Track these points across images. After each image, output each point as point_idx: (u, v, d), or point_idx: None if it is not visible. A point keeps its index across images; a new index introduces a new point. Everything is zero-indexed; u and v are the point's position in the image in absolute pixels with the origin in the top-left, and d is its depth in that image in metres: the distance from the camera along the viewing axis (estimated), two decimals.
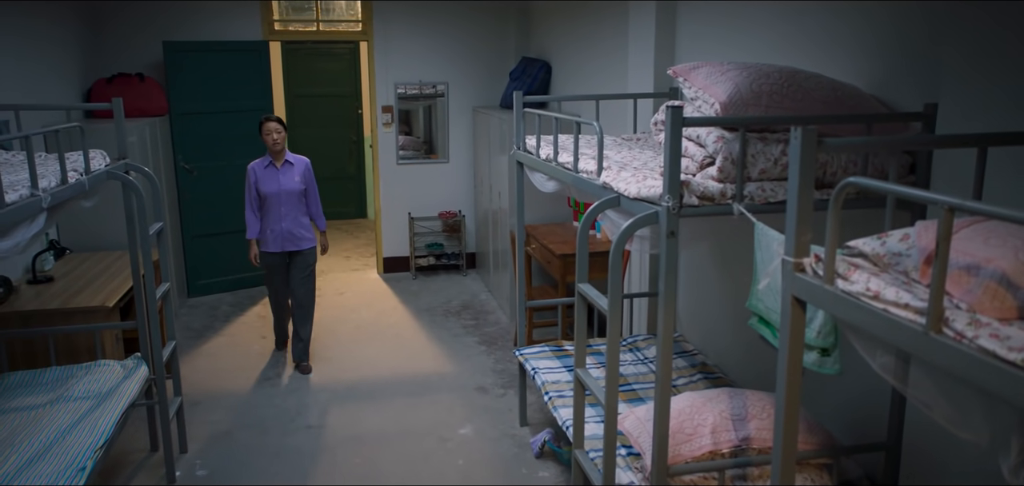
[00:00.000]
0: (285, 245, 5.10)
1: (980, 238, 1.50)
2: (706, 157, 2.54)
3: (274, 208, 5.04)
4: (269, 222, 5.08)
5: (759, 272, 2.33)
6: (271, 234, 5.09)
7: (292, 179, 5.07)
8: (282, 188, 5.03)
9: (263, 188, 5.03)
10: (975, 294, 1.37)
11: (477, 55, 7.39)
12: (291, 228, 5.09)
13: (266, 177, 5.05)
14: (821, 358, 2.07)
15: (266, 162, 5.08)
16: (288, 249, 5.12)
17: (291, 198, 5.06)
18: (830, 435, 2.81)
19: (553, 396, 3.74)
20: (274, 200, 5.03)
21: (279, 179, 5.04)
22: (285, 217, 5.06)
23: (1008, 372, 1.17)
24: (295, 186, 5.07)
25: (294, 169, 5.11)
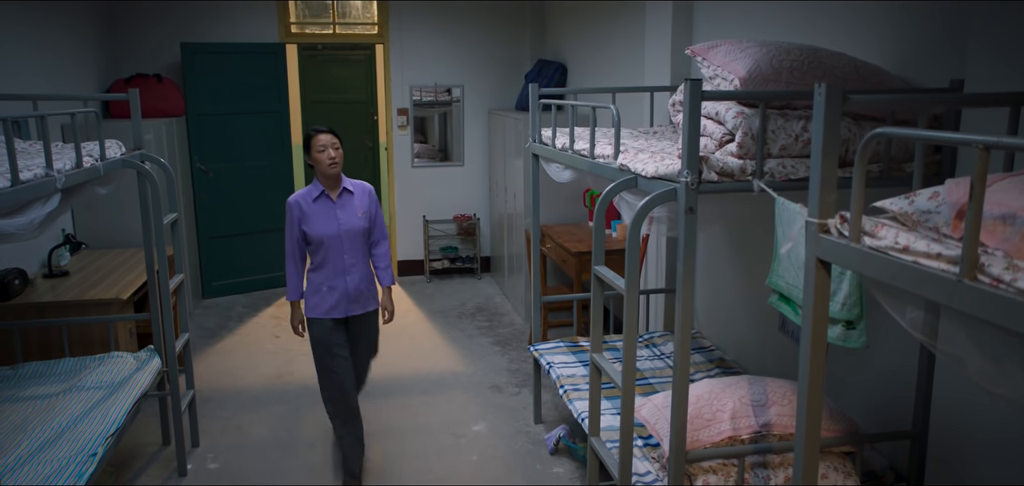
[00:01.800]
0: (351, 308, 3.65)
1: (1016, 190, 1.44)
2: (725, 134, 2.49)
3: (333, 257, 3.56)
4: (325, 277, 3.58)
5: (779, 248, 2.27)
6: (329, 294, 3.59)
7: (354, 215, 3.60)
8: (343, 228, 3.56)
9: (315, 230, 3.53)
10: (1012, 241, 1.31)
11: (492, 57, 7.38)
12: (359, 284, 3.63)
13: (318, 214, 3.55)
14: (846, 331, 2.01)
15: (315, 192, 3.57)
16: (354, 313, 3.68)
17: (356, 242, 3.61)
18: (854, 423, 2.73)
19: (568, 389, 3.68)
20: (333, 246, 3.55)
21: (337, 216, 3.56)
22: (351, 270, 3.60)
23: None
24: (359, 224, 3.60)
25: (355, 200, 3.63)
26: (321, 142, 3.51)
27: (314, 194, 3.58)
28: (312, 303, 3.62)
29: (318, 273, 3.61)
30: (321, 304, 3.61)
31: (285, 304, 6.68)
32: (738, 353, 4.04)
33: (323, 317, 3.61)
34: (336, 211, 3.57)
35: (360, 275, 3.63)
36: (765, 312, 3.71)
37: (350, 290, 3.61)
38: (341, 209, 3.58)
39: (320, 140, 3.52)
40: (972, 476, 2.55)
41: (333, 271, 3.58)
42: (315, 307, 3.62)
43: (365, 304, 3.70)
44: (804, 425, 1.82)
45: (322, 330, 3.62)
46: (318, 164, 3.52)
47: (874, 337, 2.94)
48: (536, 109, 4.00)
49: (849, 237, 1.58)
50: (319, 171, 3.54)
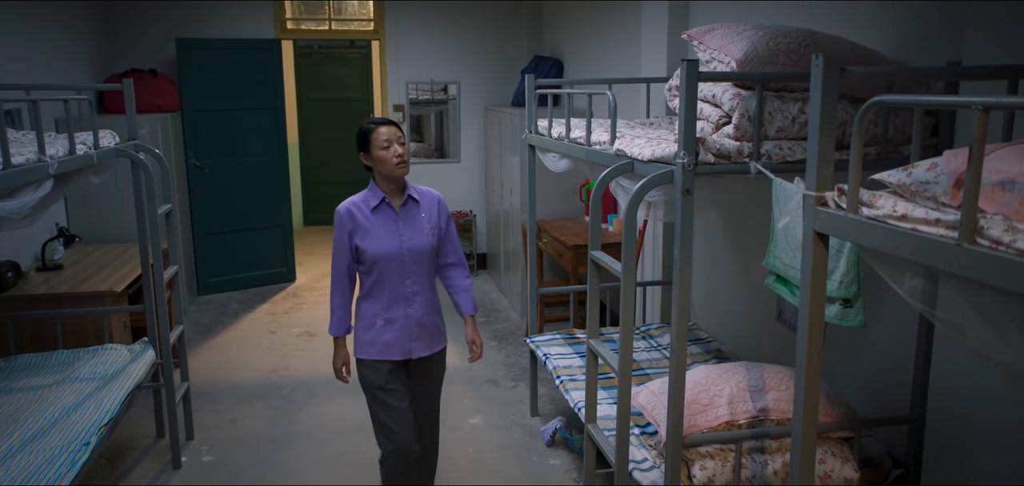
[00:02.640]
0: (415, 348, 2.94)
1: (1014, 157, 1.43)
2: (722, 117, 2.48)
3: (391, 282, 2.87)
4: (381, 307, 2.89)
5: (776, 230, 2.26)
6: (386, 329, 2.89)
7: (420, 229, 2.91)
8: (406, 246, 2.86)
9: (372, 247, 2.84)
10: (1012, 206, 1.30)
11: (489, 53, 7.38)
12: (423, 315, 2.93)
13: (376, 228, 2.86)
14: (843, 310, 2.00)
15: (374, 201, 2.87)
16: (419, 355, 2.97)
17: (421, 263, 2.91)
18: (851, 408, 2.72)
19: (565, 379, 3.67)
20: (392, 268, 2.86)
21: (399, 231, 2.87)
22: (414, 298, 2.90)
23: None
24: (425, 242, 2.91)
25: (421, 212, 2.94)
26: (383, 136, 2.81)
27: (372, 202, 2.85)
28: (364, 340, 2.91)
29: (371, 302, 2.90)
30: (376, 341, 2.89)
31: (281, 300, 6.66)
32: (735, 345, 4.03)
33: (378, 359, 2.90)
34: (398, 224, 2.87)
35: (425, 305, 2.93)
36: (762, 303, 3.70)
37: (413, 324, 2.90)
38: (404, 222, 2.88)
39: (382, 134, 2.81)
40: (969, 461, 2.54)
41: (391, 299, 2.87)
42: (367, 345, 2.91)
43: (431, 343, 2.98)
44: (802, 405, 1.80)
45: (377, 375, 2.90)
46: (382, 164, 2.81)
47: (872, 324, 2.94)
48: (532, 100, 4.00)
49: (847, 209, 1.57)
50: (382, 173, 2.84)
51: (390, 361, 2.91)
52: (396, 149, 2.81)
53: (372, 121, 2.87)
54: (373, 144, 2.82)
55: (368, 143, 2.84)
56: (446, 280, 3.10)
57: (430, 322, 2.96)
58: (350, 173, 9.80)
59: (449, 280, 3.10)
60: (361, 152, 2.87)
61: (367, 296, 2.92)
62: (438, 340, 3.04)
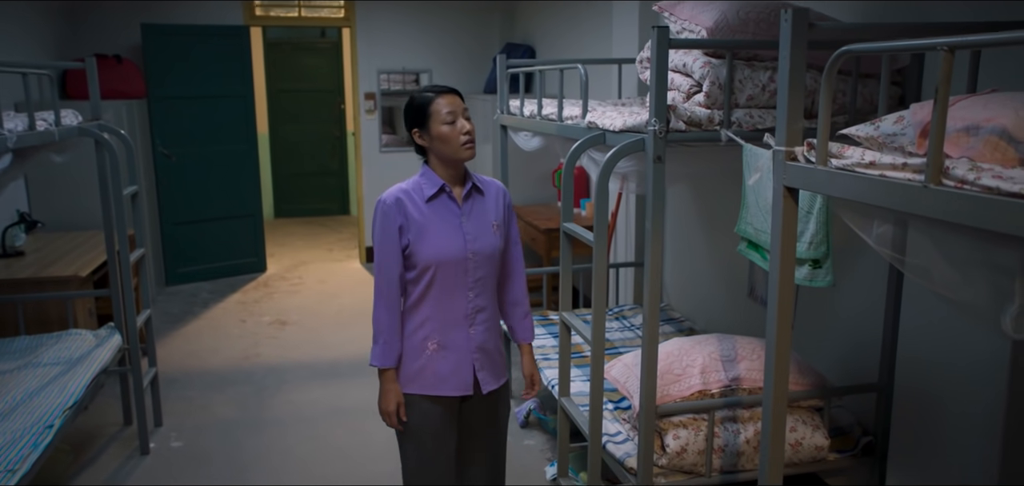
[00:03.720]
0: (480, 380, 2.38)
1: (978, 106, 1.44)
2: (693, 86, 2.48)
3: (452, 294, 2.31)
4: (436, 327, 2.32)
5: (747, 196, 2.27)
6: (442, 357, 2.32)
7: (486, 227, 2.36)
8: (471, 247, 2.31)
9: (429, 249, 2.26)
10: (976, 148, 1.32)
11: (460, 41, 7.35)
12: (486, 339, 2.38)
13: (434, 224, 2.28)
14: (813, 271, 2.01)
15: (430, 189, 2.30)
16: (486, 388, 2.40)
17: (488, 271, 2.36)
18: (822, 377, 2.75)
19: (538, 359, 3.66)
20: (453, 276, 2.30)
21: (462, 228, 2.31)
22: (477, 316, 2.36)
23: (1013, 204, 1.11)
24: (493, 243, 2.36)
25: (488, 205, 2.40)
26: (446, 108, 2.25)
27: (427, 190, 2.28)
28: (411, 371, 2.31)
29: (421, 321, 2.30)
30: (426, 373, 2.31)
31: (252, 289, 6.58)
32: (708, 324, 4.05)
33: (431, 394, 2.32)
34: (461, 220, 2.30)
35: (489, 325, 2.37)
36: (734, 283, 3.73)
37: (475, 349, 2.34)
38: (469, 217, 2.31)
39: (444, 105, 2.25)
40: (936, 427, 2.58)
41: (448, 317, 2.29)
42: (416, 377, 2.31)
43: (497, 373, 2.42)
44: (773, 363, 1.81)
45: (428, 417, 2.33)
46: (445, 143, 2.24)
47: (841, 296, 2.97)
48: (504, 80, 3.98)
49: (816, 162, 1.57)
50: (445, 154, 2.27)
51: (445, 398, 2.33)
52: (463, 124, 2.25)
53: (430, 89, 2.29)
54: (433, 118, 2.24)
55: (426, 117, 2.25)
56: (505, 292, 2.50)
57: (494, 347, 2.40)
58: (321, 162, 9.74)
59: (504, 296, 2.50)
60: (414, 129, 2.29)
61: (415, 312, 2.30)
62: (502, 370, 2.45)
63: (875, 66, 2.53)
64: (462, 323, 2.32)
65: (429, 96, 2.27)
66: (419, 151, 2.36)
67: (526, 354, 2.57)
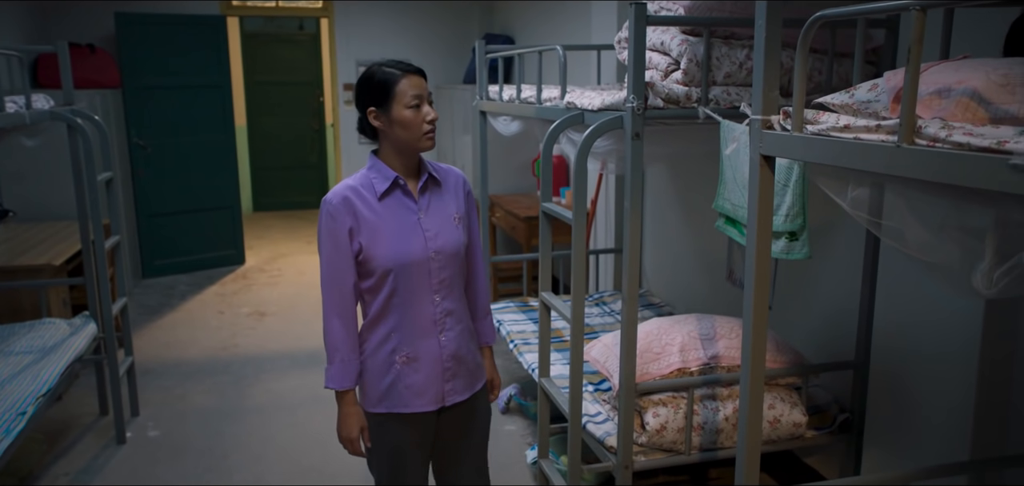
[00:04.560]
0: (452, 390, 2.15)
1: (950, 71, 1.46)
2: (670, 64, 2.49)
3: (416, 300, 2.08)
4: (401, 338, 2.09)
5: (725, 171, 2.28)
6: (412, 369, 2.09)
7: (448, 222, 2.12)
8: (433, 246, 2.08)
9: (384, 252, 2.03)
10: (948, 110, 1.33)
11: (439, 33, 7.33)
12: (459, 345, 2.16)
13: (388, 223, 2.05)
14: (789, 243, 2.03)
15: (382, 183, 2.05)
16: (457, 398, 2.17)
17: (453, 270, 2.13)
18: (799, 355, 2.77)
19: (519, 344, 3.66)
20: (416, 279, 2.06)
21: (421, 225, 2.08)
22: (446, 320, 2.13)
23: (982, 158, 1.13)
24: (456, 239, 2.13)
25: (446, 195, 2.15)
26: (413, 90, 1.97)
27: (380, 186, 2.02)
28: (379, 388, 2.08)
29: (385, 333, 2.07)
30: (398, 389, 2.07)
31: (231, 281, 6.52)
32: (687, 309, 4.07)
33: (403, 412, 2.09)
34: (419, 216, 2.05)
35: (460, 328, 2.15)
36: (713, 268, 3.75)
37: (448, 357, 2.11)
38: (427, 212, 2.07)
39: (410, 87, 1.97)
40: (911, 404, 2.61)
41: (414, 326, 2.06)
42: (386, 395, 2.08)
43: (472, 380, 2.20)
44: (751, 332, 1.82)
45: (404, 436, 2.12)
46: (406, 130, 1.98)
47: (819, 275, 3.00)
48: (483, 66, 3.98)
49: (791, 129, 1.58)
50: (401, 143, 2.01)
51: (420, 414, 2.10)
52: (428, 111, 2.00)
53: (395, 65, 2.00)
54: (397, 99, 1.95)
55: (387, 97, 1.96)
56: (468, 290, 2.26)
57: (467, 352, 2.17)
58: (300, 156, 9.68)
59: (470, 290, 2.26)
60: (371, 108, 1.99)
61: (378, 324, 2.07)
62: (478, 374, 2.23)
63: (850, 45, 2.55)
64: (431, 330, 2.08)
65: (394, 74, 1.97)
66: (367, 133, 2.07)
67: (487, 357, 2.33)
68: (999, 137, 1.15)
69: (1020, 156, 1.09)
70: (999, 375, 2.27)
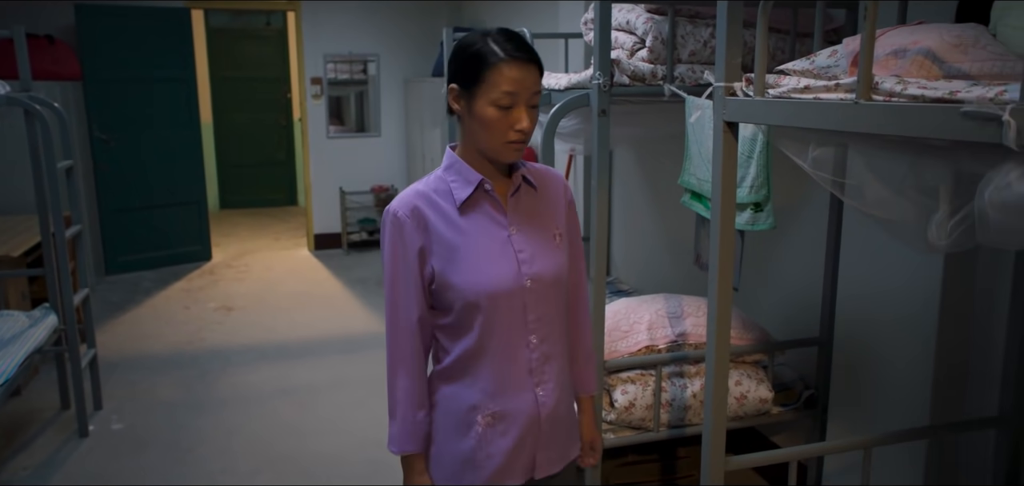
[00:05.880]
0: (548, 461, 1.67)
1: (905, 33, 1.49)
2: (636, 42, 2.51)
3: (506, 341, 1.56)
4: (487, 390, 1.57)
5: (691, 147, 2.31)
6: (497, 431, 1.59)
7: (548, 237, 1.62)
8: (528, 271, 1.56)
9: (468, 279, 1.52)
10: (904, 68, 1.36)
11: (408, 26, 7.30)
12: (558, 402, 1.65)
13: (472, 241, 1.54)
14: (754, 215, 2.05)
15: (463, 188, 1.54)
16: (546, 473, 1.67)
17: (554, 302, 1.62)
18: (765, 332, 2.80)
19: None
20: (508, 315, 1.55)
21: (512, 243, 1.56)
22: (543, 369, 1.61)
23: (936, 109, 1.15)
24: (559, 262, 1.62)
25: (543, 204, 1.64)
26: (509, 81, 1.44)
27: (461, 191, 1.54)
28: (453, 456, 1.61)
29: (464, 384, 1.58)
30: (478, 458, 1.60)
31: (197, 277, 6.44)
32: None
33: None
34: (510, 233, 1.57)
35: (561, 379, 1.66)
36: (681, 254, 3.78)
37: (545, 420, 1.62)
38: (520, 227, 1.58)
39: (507, 76, 1.44)
40: (873, 377, 2.66)
41: (503, 377, 1.57)
42: (461, 466, 1.61)
43: (568, 446, 1.74)
44: (716, 303, 1.84)
45: None
46: (488, 130, 1.48)
47: (784, 254, 3.04)
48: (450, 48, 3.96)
49: (754, 94, 1.60)
50: (481, 144, 1.51)
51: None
52: (519, 116, 1.46)
53: (500, 41, 1.45)
54: (486, 87, 1.44)
55: (476, 79, 1.45)
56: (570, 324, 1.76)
57: (567, 410, 1.69)
58: (268, 153, 9.58)
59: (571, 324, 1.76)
60: (454, 84, 1.50)
61: (454, 373, 1.58)
62: (574, 437, 1.77)
63: (812, 25, 2.59)
64: (524, 382, 1.59)
65: (494, 53, 1.43)
66: (451, 113, 1.56)
67: (587, 412, 1.82)
68: (951, 89, 1.18)
69: (971, 104, 1.12)
70: (956, 341, 2.33)
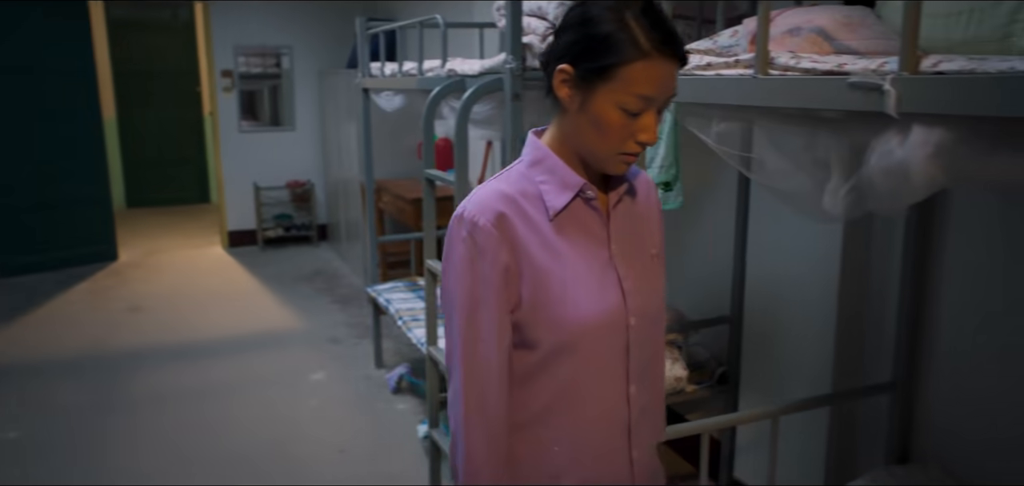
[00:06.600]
0: None
1: (801, 13, 1.56)
2: (548, 28, 2.53)
3: (602, 387, 1.22)
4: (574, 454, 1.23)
5: None
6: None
7: (646, 257, 1.27)
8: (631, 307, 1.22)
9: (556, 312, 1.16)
10: (798, 44, 1.42)
11: (322, 17, 7.15)
12: (652, 462, 1.34)
13: (568, 259, 1.17)
14: (664, 194, 2.10)
15: (558, 193, 1.17)
16: None
17: (655, 339, 1.31)
18: (680, 312, 2.88)
19: (407, 320, 3.64)
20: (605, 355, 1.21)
21: (615, 266, 1.21)
22: (642, 421, 1.27)
23: (826, 80, 1.21)
24: (659, 291, 1.31)
25: (638, 215, 1.28)
26: (650, 83, 1.08)
27: (555, 197, 1.19)
28: None
29: (543, 444, 1.24)
30: None
31: (103, 278, 6.15)
32: None
33: None
34: (611, 251, 1.23)
35: (652, 436, 1.35)
36: None
37: (638, 473, 1.30)
38: (620, 245, 1.24)
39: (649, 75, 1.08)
40: (780, 351, 2.77)
41: (594, 435, 1.25)
42: None
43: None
44: None
45: None
46: (603, 135, 1.13)
47: (695, 238, 3.13)
48: (364, 43, 3.93)
49: None
50: (586, 149, 1.17)
51: None
52: (646, 124, 1.11)
53: (645, 23, 1.07)
54: (615, 83, 1.09)
55: (604, 70, 1.09)
56: None
57: (657, 471, 1.38)
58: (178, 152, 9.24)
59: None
60: (565, 64, 1.12)
61: (531, 430, 1.24)
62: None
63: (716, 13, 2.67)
64: (620, 442, 1.26)
65: (638, 43, 1.06)
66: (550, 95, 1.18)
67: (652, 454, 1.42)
68: (840, 62, 1.24)
69: (857, 75, 1.18)
70: (853, 313, 2.44)
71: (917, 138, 1.11)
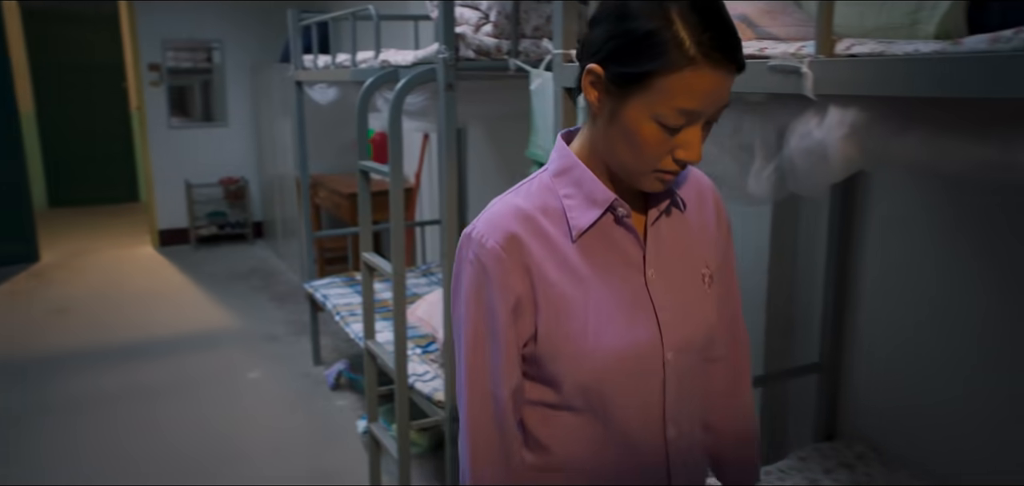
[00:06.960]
0: None
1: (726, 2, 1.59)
2: (481, 18, 2.54)
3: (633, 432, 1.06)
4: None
5: (536, 119, 2.35)
6: None
7: (695, 280, 1.10)
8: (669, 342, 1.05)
9: (576, 347, 1.01)
10: None
11: (253, 9, 6.99)
12: None
13: (592, 286, 1.02)
14: None
15: (584, 211, 1.02)
16: None
17: (700, 374, 1.14)
18: None
19: (345, 315, 3.60)
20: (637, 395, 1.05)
21: (651, 293, 1.05)
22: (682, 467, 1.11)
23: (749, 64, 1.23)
24: (708, 319, 1.11)
25: (687, 228, 1.11)
26: (695, 95, 0.91)
27: (581, 215, 1.03)
28: None
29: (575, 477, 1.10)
30: None
31: (23, 280, 5.90)
32: None
33: None
34: (646, 276, 1.06)
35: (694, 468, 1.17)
36: None
37: None
38: (658, 267, 1.07)
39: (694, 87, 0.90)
40: None
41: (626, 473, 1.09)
42: None
43: None
44: None
45: None
46: (633, 148, 0.97)
47: None
48: (296, 35, 3.86)
49: None
50: (617, 162, 1.01)
51: None
52: (688, 139, 0.96)
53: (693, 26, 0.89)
54: (660, 93, 0.91)
55: (640, 77, 0.92)
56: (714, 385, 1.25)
57: None
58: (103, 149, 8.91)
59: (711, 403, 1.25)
60: (596, 65, 0.96)
61: (550, 477, 1.11)
62: None
63: None
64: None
65: (684, 47, 0.89)
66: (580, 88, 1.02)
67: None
68: (761, 46, 1.27)
69: (777, 59, 1.21)
70: (782, 296, 2.51)
71: (833, 119, 1.15)
